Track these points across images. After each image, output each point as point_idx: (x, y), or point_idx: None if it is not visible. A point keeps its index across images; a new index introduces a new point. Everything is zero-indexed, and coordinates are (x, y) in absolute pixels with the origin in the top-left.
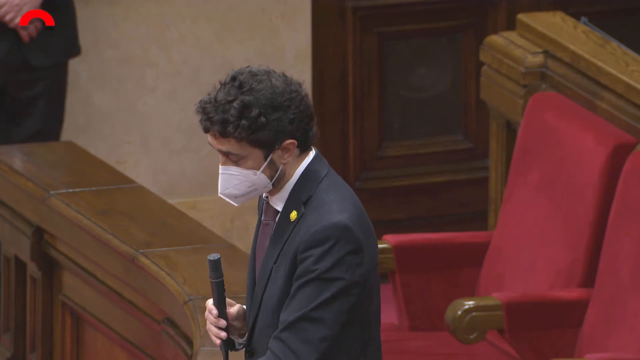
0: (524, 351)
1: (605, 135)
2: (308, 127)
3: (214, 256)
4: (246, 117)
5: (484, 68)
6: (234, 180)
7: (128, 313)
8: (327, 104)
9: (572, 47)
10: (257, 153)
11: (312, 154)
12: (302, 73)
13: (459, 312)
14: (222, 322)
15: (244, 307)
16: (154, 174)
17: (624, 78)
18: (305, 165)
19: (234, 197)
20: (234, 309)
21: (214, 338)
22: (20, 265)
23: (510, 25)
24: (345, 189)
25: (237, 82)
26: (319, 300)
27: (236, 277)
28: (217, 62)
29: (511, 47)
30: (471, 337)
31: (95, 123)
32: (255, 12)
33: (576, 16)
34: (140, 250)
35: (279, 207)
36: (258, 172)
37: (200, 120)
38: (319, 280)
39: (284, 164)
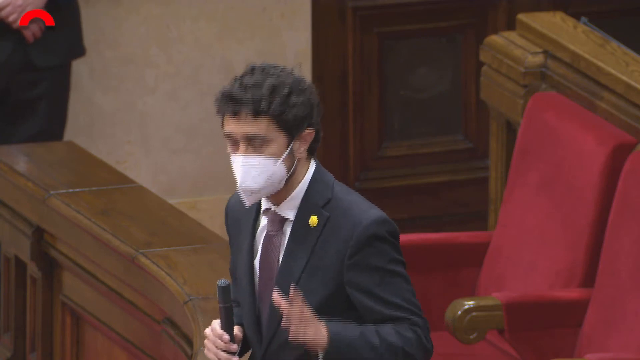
0: (524, 351)
1: (605, 135)
2: (319, 123)
3: (223, 282)
4: (278, 94)
5: (484, 68)
6: (252, 172)
7: (128, 313)
8: (327, 104)
9: (572, 47)
10: (282, 138)
11: (313, 162)
12: (302, 73)
13: (459, 312)
14: (234, 347)
15: (240, 327)
16: (154, 174)
17: (624, 78)
18: (312, 172)
19: (250, 194)
20: (238, 331)
21: None
22: (20, 265)
23: (510, 25)
24: (355, 192)
25: (258, 70)
26: (402, 288)
27: None
28: (217, 62)
29: (511, 47)
30: (471, 337)
31: (95, 123)
32: (255, 12)
33: (576, 16)
34: (140, 250)
35: (290, 216)
36: (279, 162)
37: (227, 105)
38: (390, 271)
39: (298, 159)
